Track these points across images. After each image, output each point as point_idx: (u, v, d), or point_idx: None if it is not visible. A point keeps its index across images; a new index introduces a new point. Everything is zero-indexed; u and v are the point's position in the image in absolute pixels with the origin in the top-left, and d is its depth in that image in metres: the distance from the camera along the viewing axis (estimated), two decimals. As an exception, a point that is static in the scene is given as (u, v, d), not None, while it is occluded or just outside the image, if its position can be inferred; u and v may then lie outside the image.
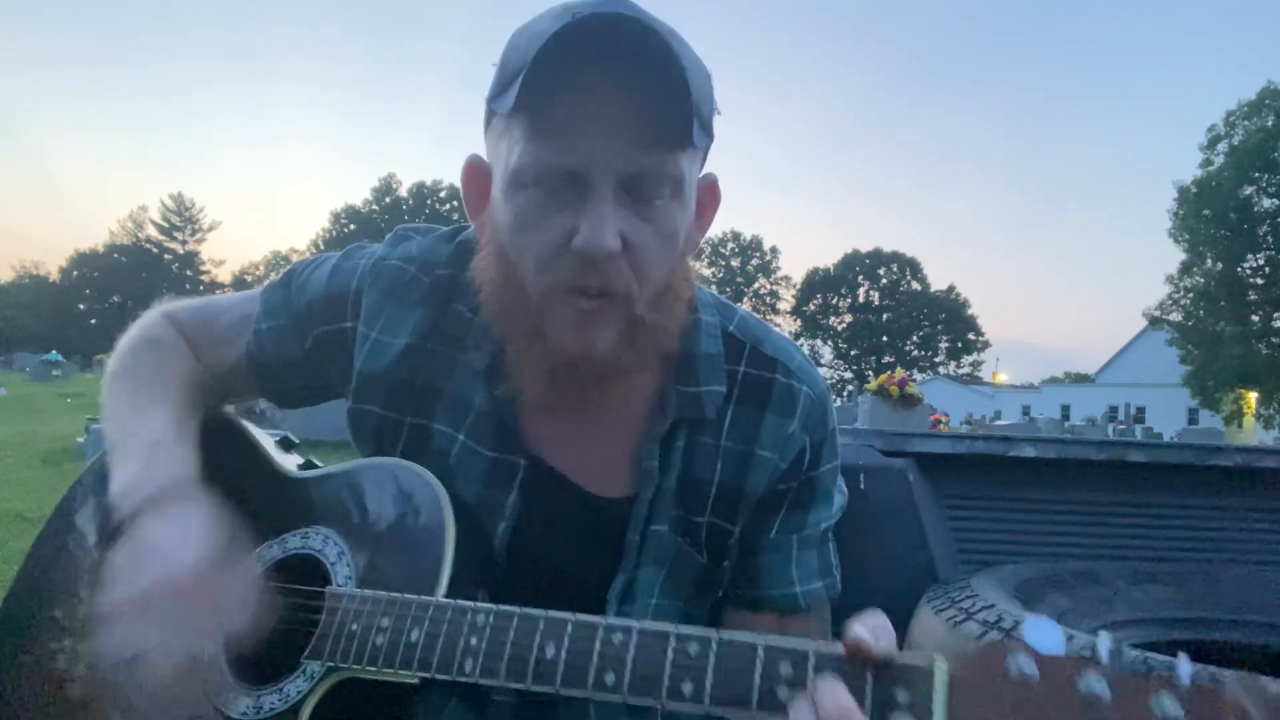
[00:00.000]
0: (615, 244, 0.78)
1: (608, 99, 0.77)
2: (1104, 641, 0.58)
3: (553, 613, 0.73)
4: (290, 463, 1.03)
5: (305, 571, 0.89)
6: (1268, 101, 34.90)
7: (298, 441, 1.10)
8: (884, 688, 0.62)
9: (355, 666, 0.79)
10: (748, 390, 0.95)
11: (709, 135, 0.84)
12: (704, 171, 0.91)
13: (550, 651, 0.72)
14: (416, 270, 0.98)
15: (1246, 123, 35.37)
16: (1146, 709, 0.54)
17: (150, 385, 1.00)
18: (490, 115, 0.85)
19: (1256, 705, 0.54)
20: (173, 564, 0.80)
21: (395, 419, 0.96)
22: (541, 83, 0.75)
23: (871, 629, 0.63)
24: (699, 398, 0.93)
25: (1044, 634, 0.59)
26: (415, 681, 0.77)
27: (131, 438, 0.93)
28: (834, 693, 0.61)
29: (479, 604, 0.76)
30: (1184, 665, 0.55)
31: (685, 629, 0.69)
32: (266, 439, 1.07)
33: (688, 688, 0.67)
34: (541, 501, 0.93)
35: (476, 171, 0.91)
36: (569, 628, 0.72)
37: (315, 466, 1.02)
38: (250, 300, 1.07)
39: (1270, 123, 34.55)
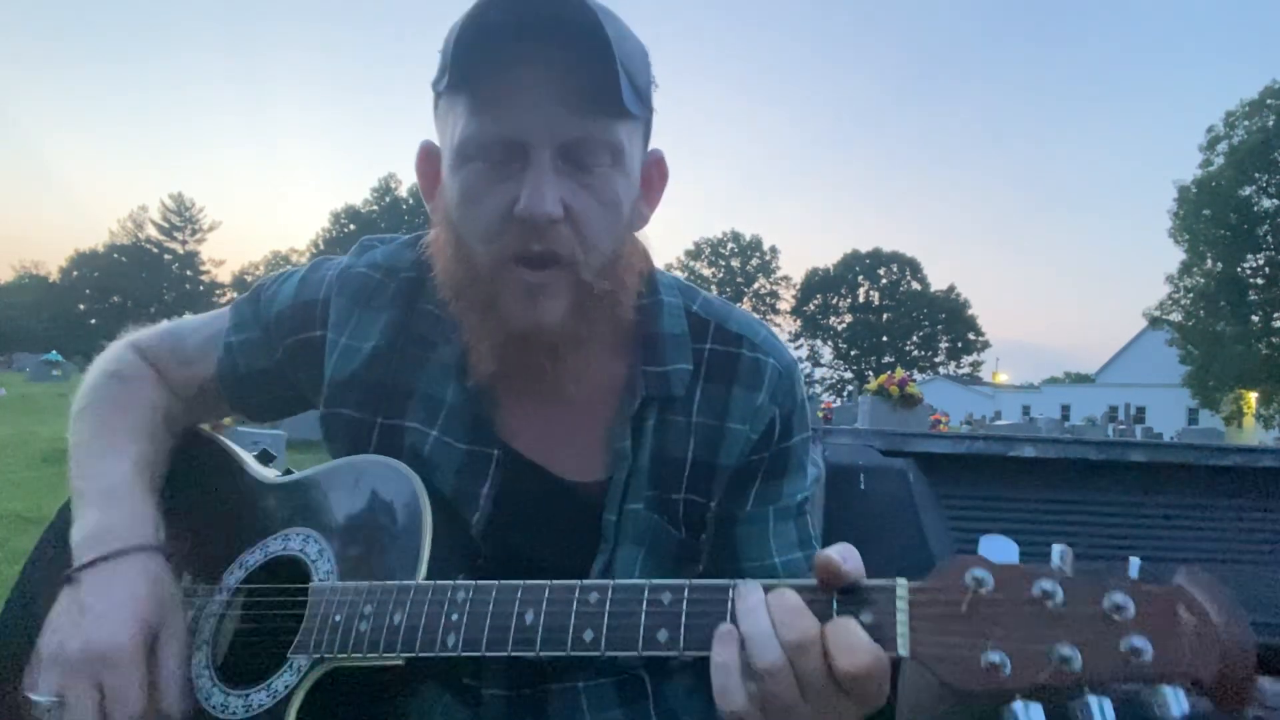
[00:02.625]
0: (556, 209, 0.80)
1: (541, 70, 0.80)
2: (1057, 549, 0.60)
3: (530, 582, 0.75)
4: (269, 473, 1.04)
5: (288, 572, 0.90)
6: (1269, 101, 34.91)
7: (275, 455, 1.11)
8: (848, 609, 0.64)
9: (341, 655, 0.80)
10: (715, 366, 0.97)
11: (646, 106, 0.87)
12: (652, 148, 0.94)
13: (530, 617, 0.73)
14: (382, 276, 1.00)
15: (1247, 123, 35.38)
16: (1098, 605, 0.57)
17: (111, 426, 1.01)
18: (436, 99, 0.88)
19: (1202, 592, 0.57)
20: (104, 633, 0.82)
21: (367, 420, 0.97)
22: (475, 58, 0.79)
23: (841, 553, 0.65)
24: (666, 376, 0.94)
25: (999, 548, 0.62)
26: (400, 663, 0.78)
27: (90, 485, 0.95)
28: (786, 594, 0.65)
29: (458, 582, 0.78)
30: (1134, 562, 0.59)
31: (658, 581, 0.71)
32: (244, 453, 1.08)
33: (663, 635, 0.68)
34: (517, 490, 0.94)
35: (429, 155, 0.94)
36: (546, 592, 0.74)
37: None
38: (219, 318, 1.09)
39: (1271, 123, 34.55)
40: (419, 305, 0.98)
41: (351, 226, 70.40)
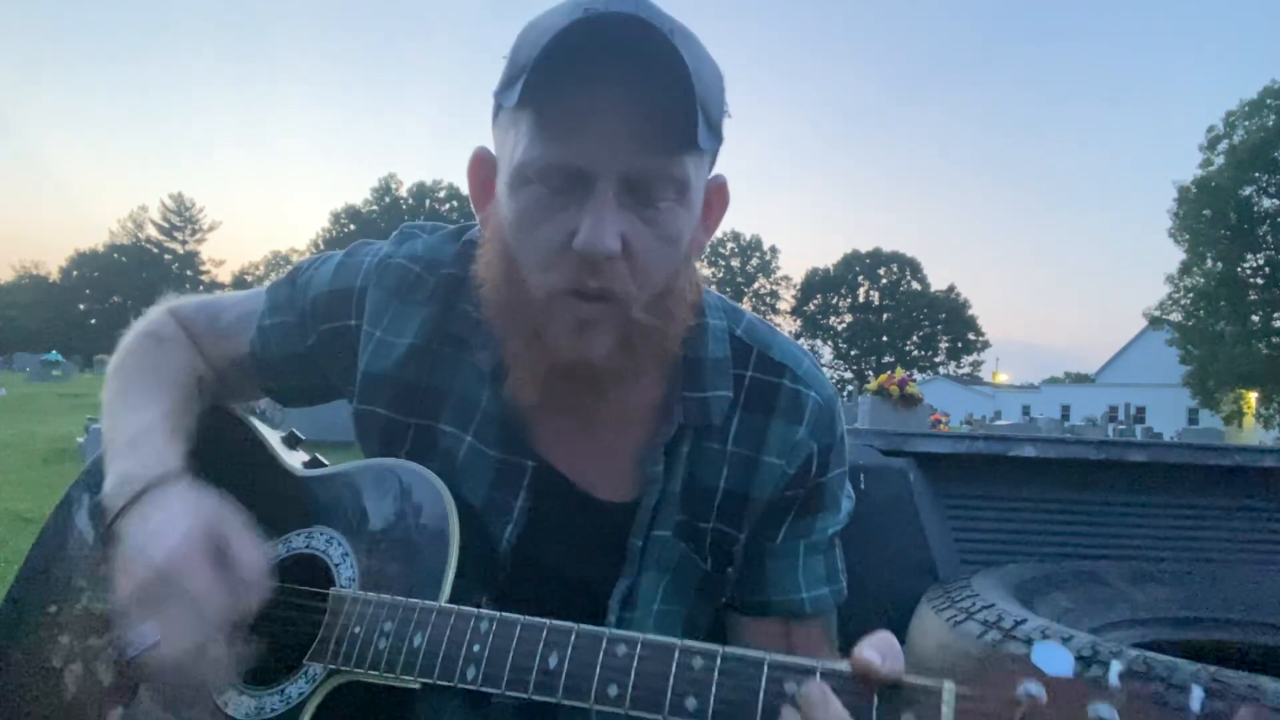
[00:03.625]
0: (615, 245, 0.77)
1: (614, 98, 0.76)
2: (1115, 666, 0.57)
3: (556, 622, 0.73)
4: (295, 460, 1.02)
5: (308, 572, 0.89)
6: (1269, 101, 34.89)
7: (303, 438, 1.09)
8: (890, 709, 0.61)
9: (357, 670, 0.79)
10: (754, 396, 0.94)
11: (717, 138, 0.83)
12: (713, 173, 0.90)
13: (553, 662, 0.71)
14: (422, 269, 0.97)
15: (1247, 123, 35.35)
16: None
17: (144, 380, 1.00)
18: (498, 108, 0.84)
19: None
20: (156, 557, 0.79)
21: (401, 420, 0.95)
22: (548, 78, 0.75)
23: (880, 650, 0.62)
24: (705, 403, 0.92)
25: (1053, 657, 0.58)
26: (417, 686, 0.77)
27: (120, 434, 0.93)
28: (825, 703, 0.61)
29: (482, 610, 0.76)
30: (1196, 693, 0.55)
31: (690, 643, 0.68)
32: (272, 435, 1.06)
33: (691, 703, 0.66)
34: (547, 505, 0.92)
35: (483, 164, 0.91)
36: (573, 637, 0.71)
37: (320, 464, 1.01)
38: (256, 297, 1.07)
39: (1271, 122, 34.54)
40: (458, 305, 0.95)
41: (351, 226, 70.33)
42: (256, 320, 1.04)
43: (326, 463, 1.02)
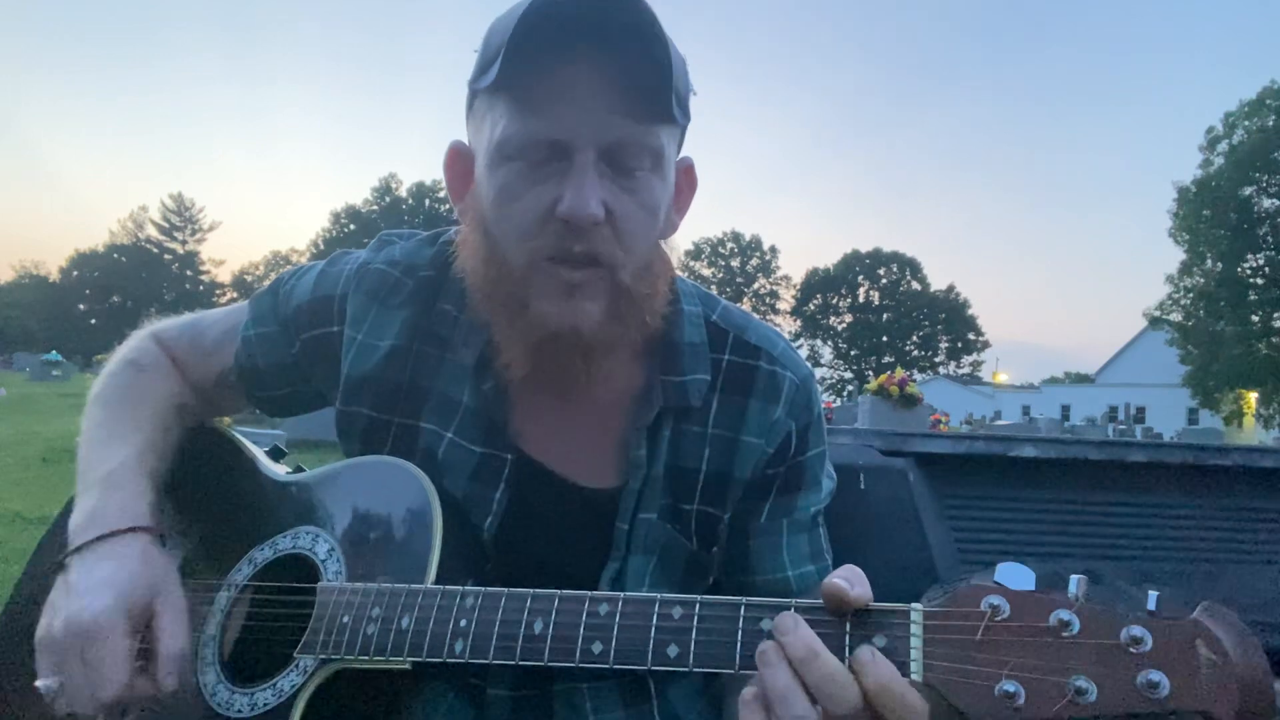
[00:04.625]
0: (599, 210, 0.79)
1: (590, 70, 0.79)
2: (1074, 579, 0.60)
3: (540, 590, 0.74)
4: (280, 470, 1.04)
5: (296, 571, 0.89)
6: (1269, 101, 34.91)
7: (287, 451, 1.11)
8: (862, 634, 0.64)
9: (348, 657, 0.79)
10: (732, 378, 0.96)
11: (686, 115, 0.86)
12: (681, 154, 0.93)
13: (538, 627, 0.73)
14: (400, 273, 0.99)
15: (1246, 123, 35.38)
16: (1115, 637, 0.57)
17: (122, 412, 1.01)
18: (472, 98, 0.86)
19: (1220, 628, 0.56)
20: (84, 614, 0.81)
21: (383, 419, 0.97)
22: (523, 57, 0.77)
23: (847, 578, 0.65)
24: (684, 386, 0.94)
25: (1016, 574, 0.61)
26: (407, 667, 0.78)
27: (94, 469, 0.95)
28: (797, 629, 0.64)
29: (467, 588, 0.77)
30: (1152, 595, 0.58)
31: (669, 595, 0.70)
32: (256, 449, 1.08)
33: (673, 650, 0.68)
34: (529, 495, 0.93)
35: (459, 156, 0.93)
36: (556, 602, 0.73)
37: (303, 472, 1.03)
38: (239, 311, 1.09)
39: (1270, 123, 34.56)
40: (437, 305, 0.98)
41: (351, 226, 70.39)
42: (240, 332, 1.06)
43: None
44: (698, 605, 0.69)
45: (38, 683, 0.81)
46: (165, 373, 1.07)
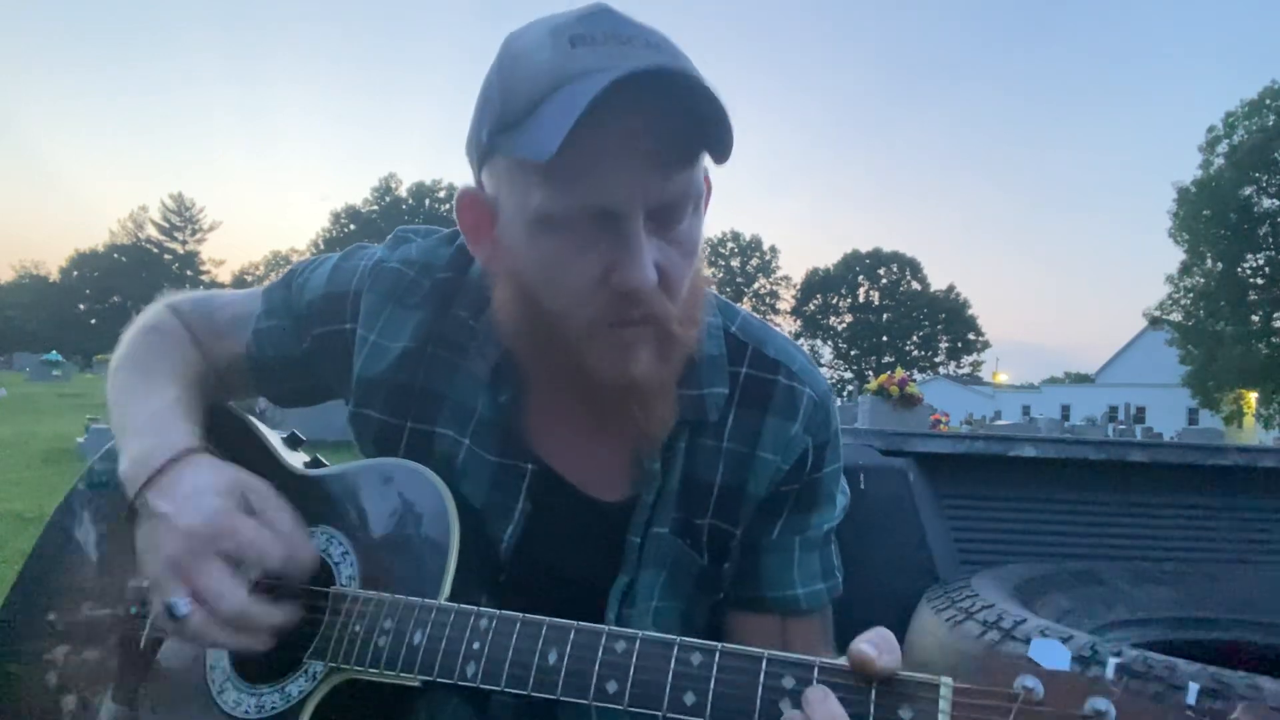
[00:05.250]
0: (654, 277, 0.77)
1: (633, 136, 0.75)
2: (1112, 662, 0.58)
3: (556, 620, 0.73)
4: (296, 460, 1.02)
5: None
6: (1269, 101, 34.91)
7: (305, 439, 1.09)
8: (888, 703, 0.61)
9: (357, 668, 0.79)
10: (750, 392, 0.95)
11: (727, 146, 0.80)
12: None
13: (552, 658, 0.72)
14: (416, 273, 0.97)
15: (1247, 123, 35.37)
16: None
17: (151, 369, 1.00)
18: (492, 150, 0.81)
19: None
20: (197, 519, 0.80)
21: (396, 424, 0.96)
22: (557, 128, 0.71)
23: (876, 645, 0.62)
24: (701, 400, 0.92)
25: (1051, 652, 0.59)
26: (417, 684, 0.77)
27: (133, 420, 0.93)
28: (825, 703, 0.62)
29: (482, 609, 0.76)
30: (1192, 687, 0.56)
31: (689, 640, 0.69)
32: (273, 435, 1.07)
33: (690, 699, 0.67)
34: (546, 506, 0.92)
35: (475, 205, 0.88)
36: (572, 634, 0.72)
37: (321, 464, 1.02)
38: (252, 298, 1.07)
39: (1270, 123, 34.56)
40: (452, 310, 0.96)
41: (351, 226, 70.38)
42: (253, 324, 1.04)
43: (327, 463, 1.02)
44: (718, 654, 0.67)
45: (171, 600, 0.77)
46: (186, 340, 1.06)
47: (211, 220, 74.42)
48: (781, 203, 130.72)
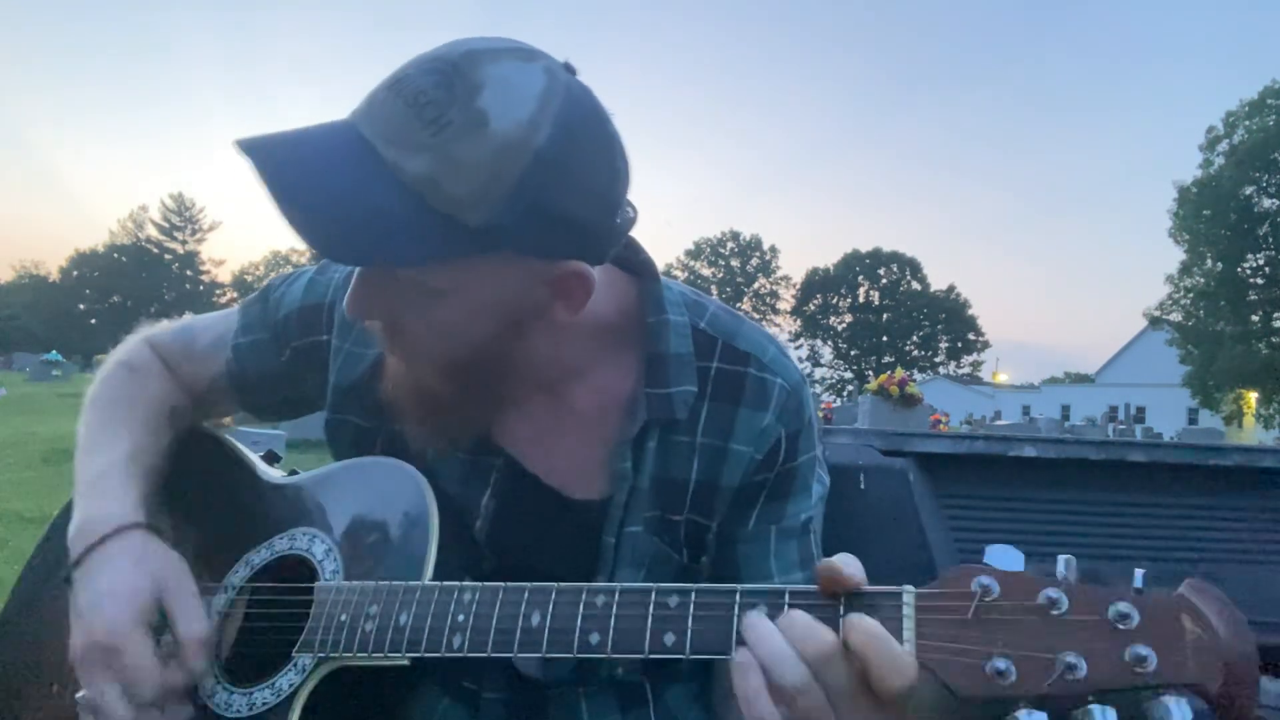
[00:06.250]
0: (353, 310, 0.82)
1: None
2: (1062, 559, 0.62)
3: (538, 584, 0.75)
4: (276, 473, 1.04)
5: (294, 572, 0.90)
6: (1269, 101, 34.93)
7: (282, 456, 1.12)
8: (855, 613, 0.64)
9: (346, 655, 0.80)
10: (721, 386, 0.95)
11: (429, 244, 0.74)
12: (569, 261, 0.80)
13: (535, 619, 0.73)
14: None
15: (1247, 123, 35.40)
16: (1103, 613, 0.58)
17: (114, 415, 1.02)
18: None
19: (1205, 602, 0.58)
20: (97, 626, 0.82)
21: (371, 428, 0.98)
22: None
23: (841, 559, 0.66)
24: (669, 399, 0.93)
25: (1006, 556, 0.62)
26: (406, 663, 0.78)
27: (85, 474, 0.95)
28: (793, 617, 0.64)
29: (465, 584, 0.78)
30: (1138, 573, 0.60)
31: (665, 585, 0.71)
32: (251, 453, 1.09)
33: (669, 639, 0.68)
34: (517, 502, 0.94)
35: None
36: (553, 594, 0.74)
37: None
38: (229, 317, 1.09)
39: (1271, 122, 34.57)
40: None
41: (351, 226, 70.15)
42: (231, 339, 1.06)
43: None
44: (693, 594, 0.69)
45: (78, 695, 0.83)
46: (157, 375, 1.07)
47: (211, 220, 74.38)
48: (781, 203, 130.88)
